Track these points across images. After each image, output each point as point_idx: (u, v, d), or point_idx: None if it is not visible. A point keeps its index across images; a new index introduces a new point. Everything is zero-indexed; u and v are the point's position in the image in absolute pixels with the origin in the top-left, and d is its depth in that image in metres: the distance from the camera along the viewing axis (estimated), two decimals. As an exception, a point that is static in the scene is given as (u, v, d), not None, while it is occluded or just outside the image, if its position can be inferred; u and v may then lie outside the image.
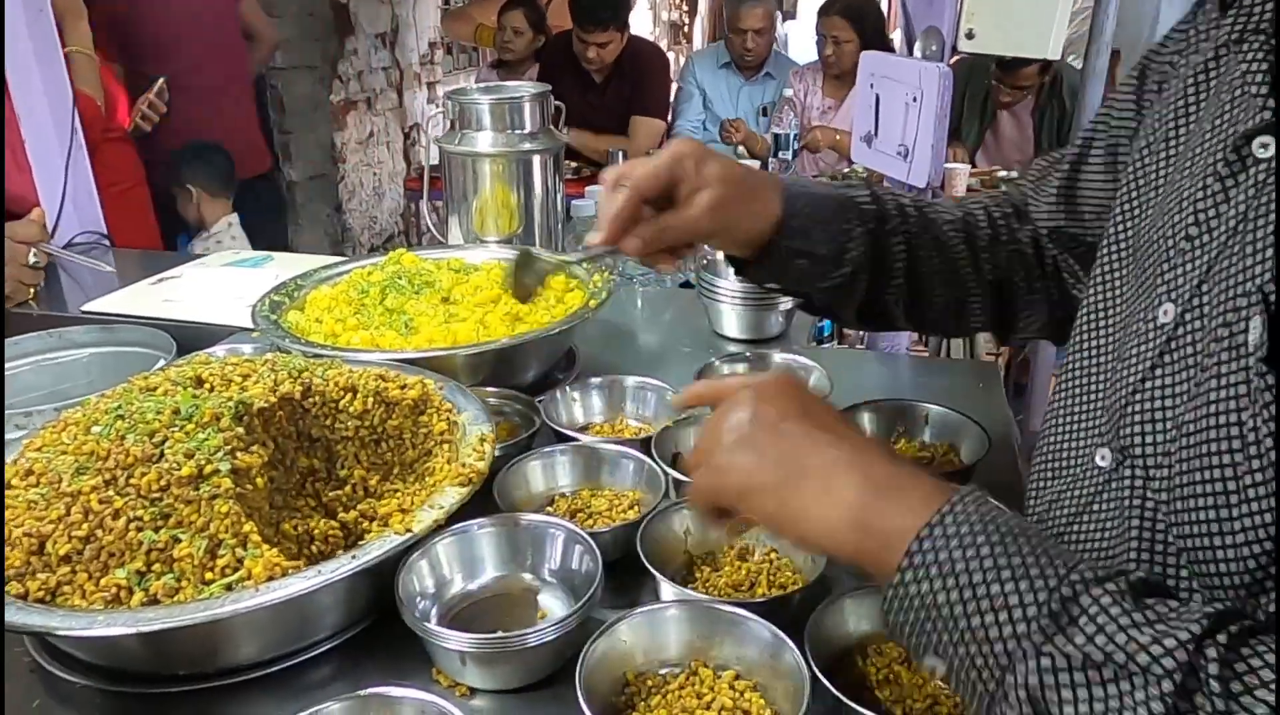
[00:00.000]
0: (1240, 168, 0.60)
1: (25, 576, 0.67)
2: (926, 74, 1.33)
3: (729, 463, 0.63)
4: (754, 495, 0.61)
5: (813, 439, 0.61)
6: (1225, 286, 0.58)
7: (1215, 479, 0.55)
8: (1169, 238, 0.65)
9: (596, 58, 3.73)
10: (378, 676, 0.73)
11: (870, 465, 0.59)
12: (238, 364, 0.85)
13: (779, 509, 0.60)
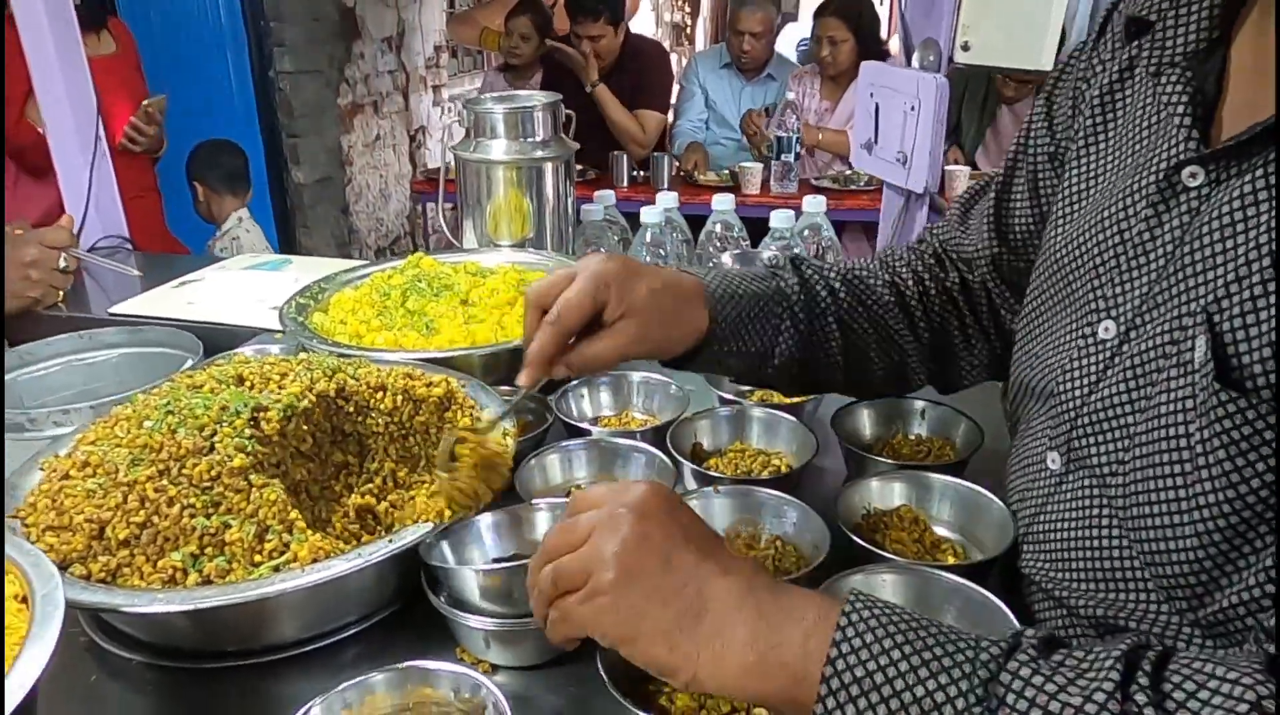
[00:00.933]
0: (1171, 194, 0.65)
1: (87, 559, 0.73)
2: (924, 84, 1.39)
3: (613, 603, 0.58)
4: (640, 639, 0.57)
5: (701, 570, 0.58)
6: (1168, 307, 0.63)
7: (1166, 487, 0.61)
8: (1097, 257, 0.70)
9: (591, 51, 3.78)
10: (406, 655, 0.78)
11: (755, 591, 0.57)
12: (275, 363, 0.91)
13: (668, 656, 0.56)
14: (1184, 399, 0.60)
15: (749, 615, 0.56)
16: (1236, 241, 0.59)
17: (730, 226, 1.78)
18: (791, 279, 0.91)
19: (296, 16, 4.14)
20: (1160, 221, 0.66)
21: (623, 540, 0.58)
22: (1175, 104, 0.67)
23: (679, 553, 0.59)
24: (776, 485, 0.94)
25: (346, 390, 0.88)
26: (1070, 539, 0.72)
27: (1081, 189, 0.77)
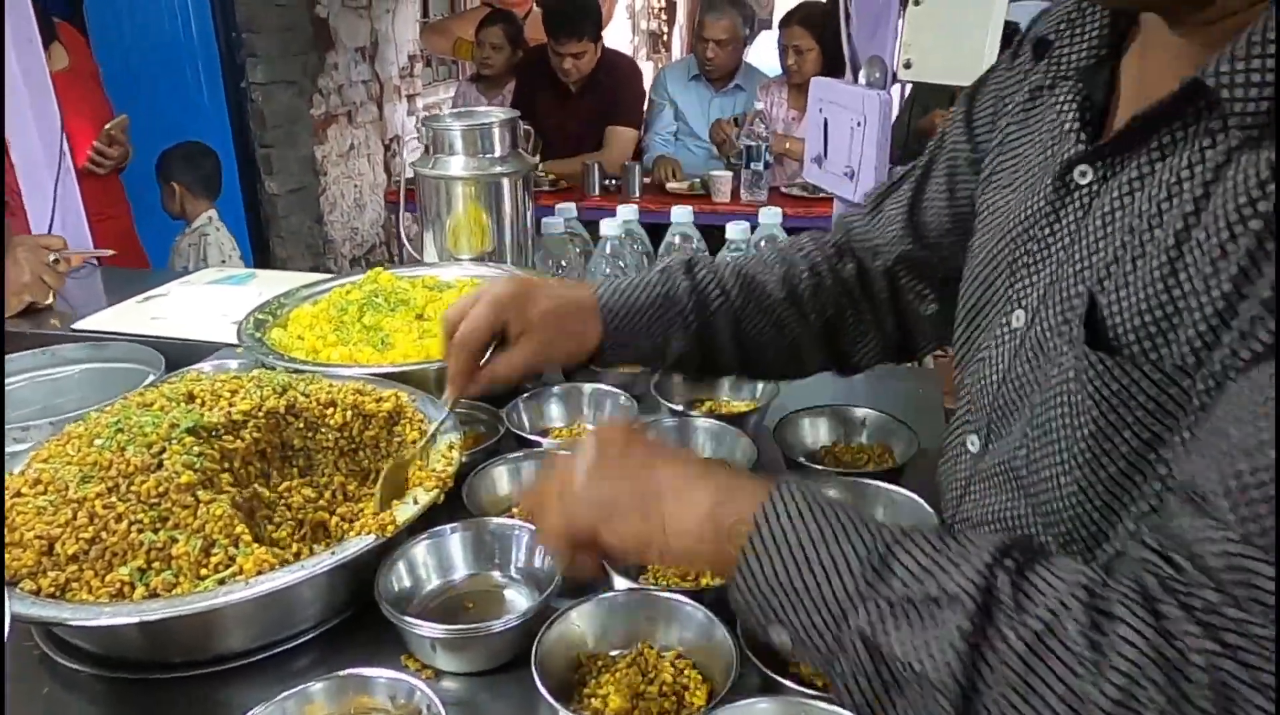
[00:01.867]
0: (1065, 193, 0.71)
1: (37, 574, 0.75)
2: (869, 101, 1.43)
3: (585, 496, 0.66)
4: (615, 518, 0.64)
5: (661, 461, 0.67)
6: (1064, 292, 0.68)
7: (1053, 451, 0.66)
8: (1008, 253, 0.76)
9: (572, 68, 3.82)
10: (354, 662, 0.80)
11: (715, 475, 0.65)
12: (226, 381, 0.94)
13: (642, 525, 0.64)
14: (1068, 369, 0.65)
15: (709, 486, 0.64)
16: (1116, 226, 0.65)
17: (689, 238, 1.82)
18: (683, 283, 0.96)
19: (268, 27, 4.14)
20: (1058, 218, 0.71)
21: (588, 450, 0.68)
22: (1067, 111, 0.73)
23: (639, 449, 0.68)
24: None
25: (296, 407, 0.91)
26: (988, 515, 0.77)
27: (998, 200, 0.81)
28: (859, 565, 0.56)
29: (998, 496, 0.76)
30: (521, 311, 0.90)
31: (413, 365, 1.13)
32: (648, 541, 0.64)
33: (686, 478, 0.65)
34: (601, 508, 0.65)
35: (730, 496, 0.62)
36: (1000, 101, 0.86)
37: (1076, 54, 0.73)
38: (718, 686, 0.73)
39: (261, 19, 4.10)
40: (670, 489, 0.64)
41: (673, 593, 0.81)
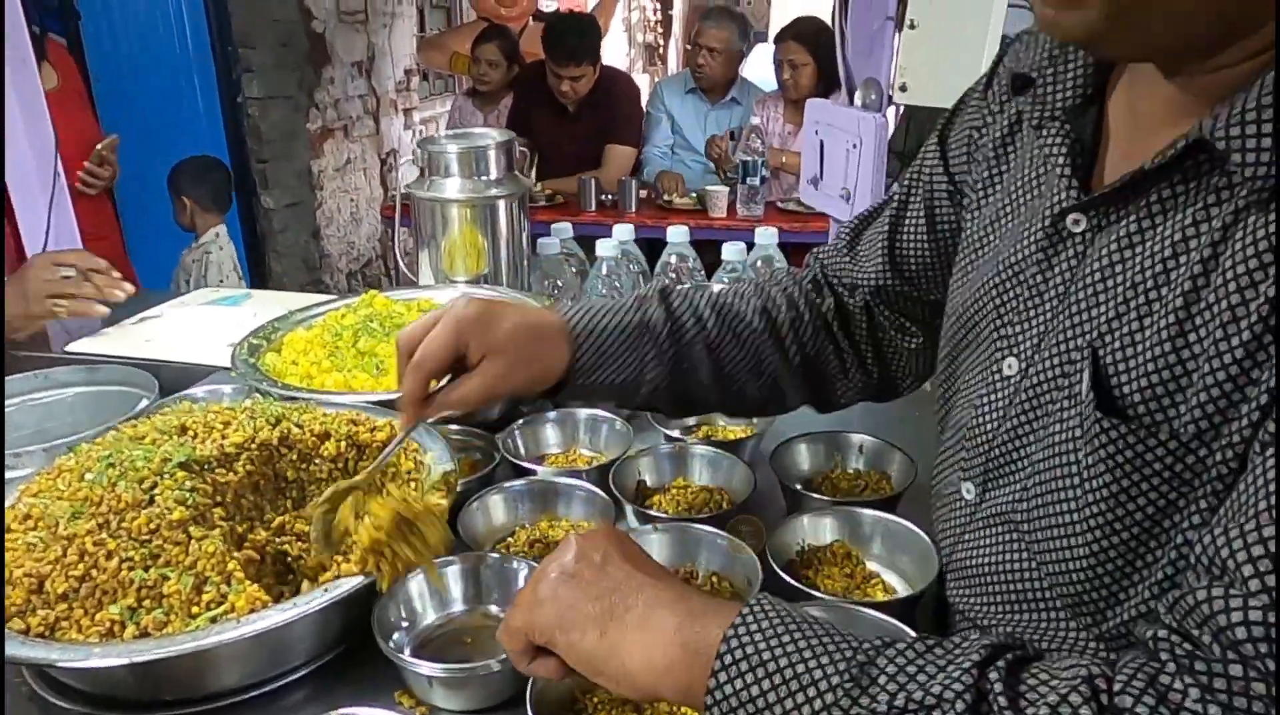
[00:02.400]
0: (1058, 239, 0.70)
1: (26, 613, 0.74)
2: (865, 123, 1.43)
3: (551, 595, 0.64)
4: (574, 629, 0.63)
5: (635, 578, 0.64)
6: (1060, 343, 0.68)
7: (1061, 511, 0.65)
8: (998, 299, 0.75)
9: (570, 90, 3.83)
10: (348, 699, 0.80)
11: (687, 598, 0.63)
12: (219, 412, 0.93)
13: (598, 642, 0.62)
14: (1073, 427, 0.64)
15: (678, 611, 0.62)
16: (1116, 281, 0.64)
17: (685, 257, 1.82)
18: (657, 311, 0.91)
19: (265, 42, 4.15)
20: (1050, 265, 0.71)
21: (564, 557, 0.67)
22: (1056, 155, 0.71)
23: (614, 564, 0.66)
24: (715, 522, 0.97)
25: (290, 438, 0.90)
26: (985, 565, 0.75)
27: (981, 237, 0.81)
28: (839, 678, 0.54)
29: (996, 546, 0.74)
30: (484, 333, 0.82)
31: (408, 392, 1.12)
32: (606, 661, 0.62)
33: (657, 599, 0.62)
34: (562, 613, 0.63)
35: (701, 620, 0.60)
36: (976, 133, 0.84)
37: (1061, 94, 0.72)
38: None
39: (258, 33, 4.10)
40: (637, 611, 0.62)
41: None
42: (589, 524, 1.02)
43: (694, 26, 4.26)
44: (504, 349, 0.82)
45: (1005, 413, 0.73)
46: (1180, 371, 0.58)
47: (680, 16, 10.86)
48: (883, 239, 0.94)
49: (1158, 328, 0.60)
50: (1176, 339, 0.58)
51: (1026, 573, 0.71)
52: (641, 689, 0.62)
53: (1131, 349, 0.61)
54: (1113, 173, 0.69)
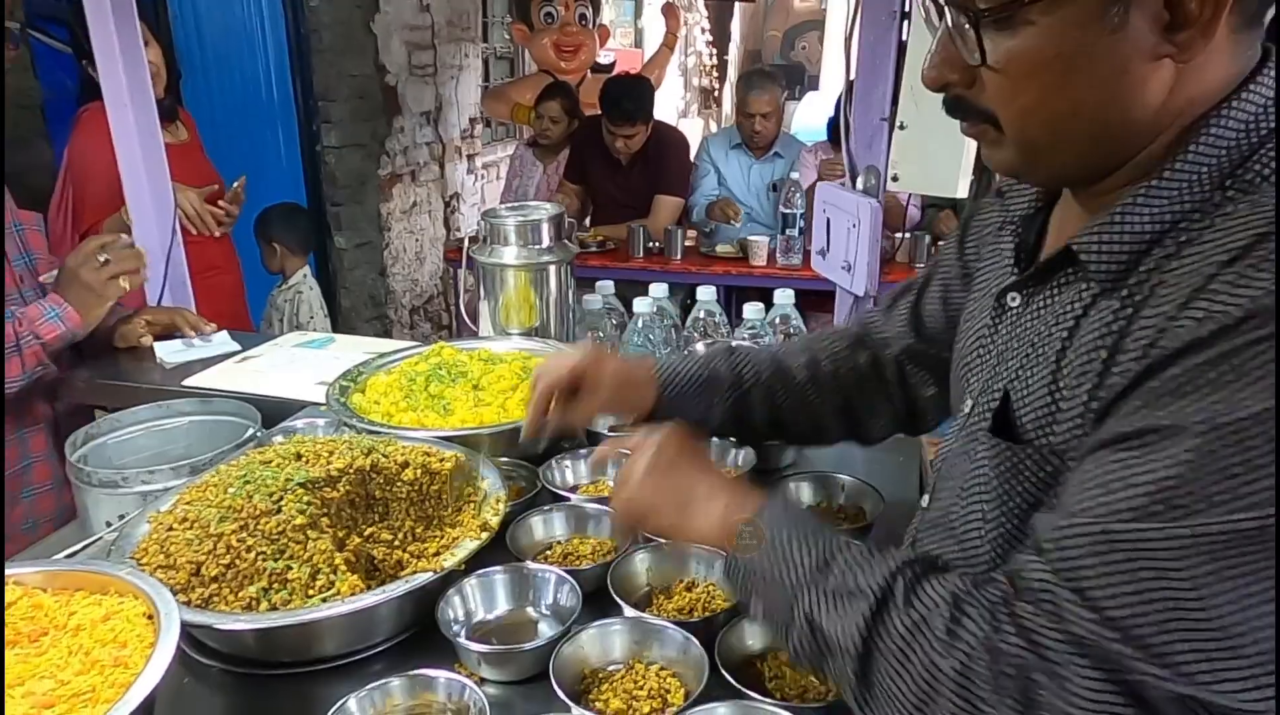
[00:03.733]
0: (1001, 311, 0.91)
1: (188, 590, 1.00)
2: (863, 207, 1.66)
3: (639, 494, 0.95)
4: (656, 514, 0.95)
5: (693, 476, 0.94)
6: (992, 388, 0.89)
7: (974, 507, 0.87)
8: (967, 356, 0.97)
9: (624, 148, 4.11)
10: (418, 666, 1.03)
11: (727, 490, 0.92)
12: (325, 443, 1.19)
13: (675, 520, 0.93)
14: (982, 446, 0.86)
15: (721, 505, 0.91)
16: (1028, 338, 0.83)
17: (713, 313, 2.06)
18: (724, 365, 1.21)
19: (343, 95, 4.51)
20: (995, 330, 0.91)
21: (646, 459, 0.96)
22: (1007, 249, 0.93)
23: (679, 465, 0.96)
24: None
25: (378, 466, 1.16)
26: None
27: (968, 314, 1.02)
28: (809, 560, 0.79)
29: (936, 542, 0.95)
30: (595, 371, 1.17)
31: (469, 430, 1.38)
32: (676, 532, 0.94)
33: (710, 492, 0.92)
34: (649, 506, 0.95)
35: (735, 509, 0.88)
36: (981, 231, 1.06)
37: (1020, 204, 0.93)
38: (692, 691, 0.95)
39: (336, 88, 4.46)
40: (698, 500, 0.92)
41: (658, 619, 1.04)
42: (612, 541, 1.25)
43: (737, 94, 4.49)
44: (608, 385, 1.18)
45: (956, 439, 0.95)
46: (1053, 407, 0.78)
47: (735, 61, 11.16)
48: (909, 307, 1.18)
49: (1041, 374, 0.80)
50: (1051, 384, 0.78)
51: (952, 560, 0.91)
52: (701, 543, 0.95)
53: (1027, 388, 0.81)
54: None
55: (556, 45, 5.39)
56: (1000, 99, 0.75)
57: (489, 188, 6.16)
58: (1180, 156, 0.72)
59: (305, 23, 4.28)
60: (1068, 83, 0.71)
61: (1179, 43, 0.68)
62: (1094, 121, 0.73)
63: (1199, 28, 0.67)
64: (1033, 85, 0.72)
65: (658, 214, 4.23)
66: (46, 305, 1.79)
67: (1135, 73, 0.70)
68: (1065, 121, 0.74)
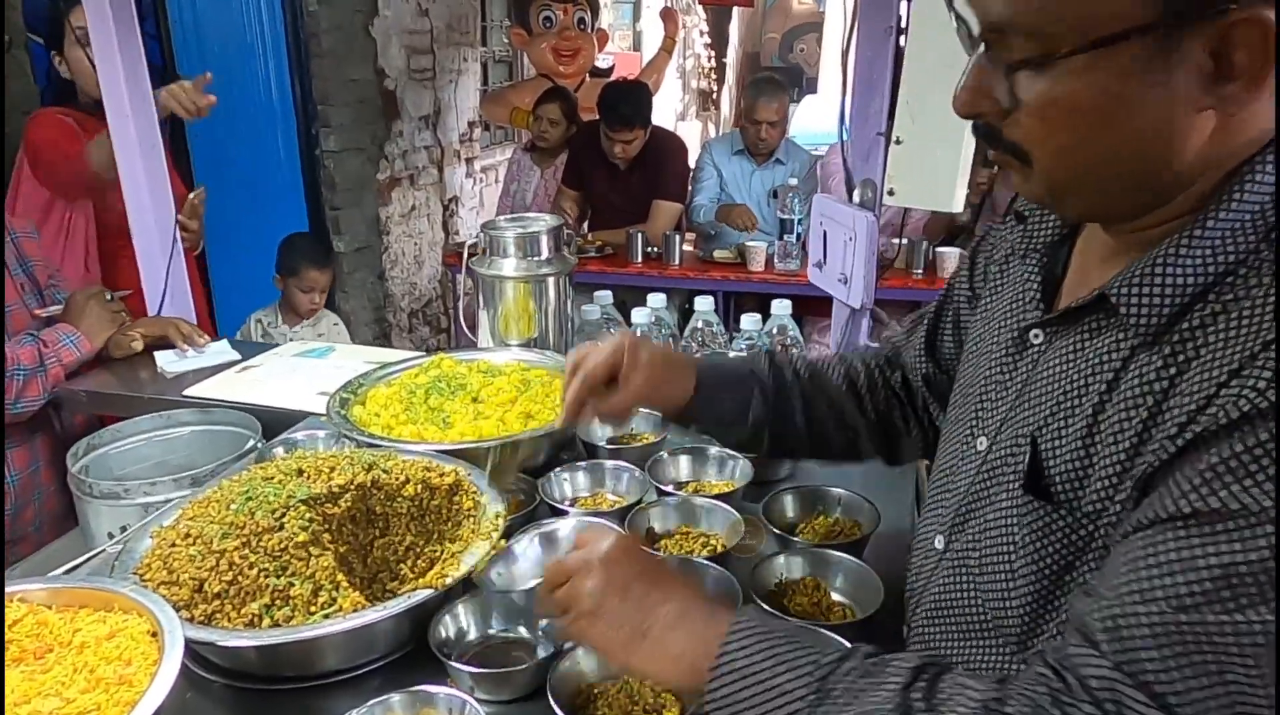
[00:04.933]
0: (1024, 347, 0.87)
1: (190, 606, 1.02)
2: (859, 220, 1.68)
3: (586, 627, 0.86)
4: (609, 652, 0.86)
5: (646, 601, 0.84)
6: (1015, 429, 0.86)
7: (1001, 562, 0.84)
8: (979, 388, 0.94)
9: (622, 153, 4.13)
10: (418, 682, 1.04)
11: (691, 615, 0.82)
12: (326, 458, 1.21)
13: (626, 659, 0.84)
14: (1013, 498, 0.83)
15: (681, 635, 0.82)
16: (1054, 386, 0.81)
17: (710, 322, 2.07)
18: (763, 362, 1.18)
19: (342, 99, 4.51)
20: (1015, 366, 0.88)
21: (595, 582, 0.86)
22: (1031, 281, 0.89)
23: (633, 587, 0.86)
24: (712, 560, 1.21)
25: (379, 482, 1.17)
26: (945, 601, 0.94)
27: (979, 337, 0.99)
28: (804, 690, 0.72)
29: (956, 587, 0.91)
30: (634, 356, 1.10)
31: (469, 444, 1.39)
32: (634, 671, 0.87)
33: (668, 624, 0.83)
34: (602, 645, 0.86)
35: (701, 639, 0.79)
36: (991, 255, 1.03)
37: (1044, 232, 0.89)
38: (688, 706, 0.96)
39: (336, 93, 4.47)
40: (651, 635, 0.82)
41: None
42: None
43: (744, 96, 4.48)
44: (647, 367, 1.10)
45: (973, 479, 0.90)
46: (1087, 463, 0.75)
47: (734, 64, 11.17)
48: (924, 335, 1.16)
49: (1075, 428, 0.76)
50: (1086, 438, 0.75)
51: (973, 607, 0.88)
52: (661, 685, 0.90)
53: (1059, 441, 0.78)
54: (1068, 298, 0.85)
55: (555, 50, 5.41)
56: (1032, 139, 0.73)
57: (488, 192, 6.17)
58: (1224, 204, 0.69)
59: (304, 27, 4.28)
60: (1105, 131, 0.69)
61: (1225, 96, 0.65)
62: (1129, 169, 0.71)
63: (1245, 80, 0.64)
64: (1067, 130, 0.70)
65: (656, 219, 4.24)
66: (62, 332, 1.97)
67: (1177, 124, 0.67)
68: (1098, 167, 0.72)
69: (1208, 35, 0.63)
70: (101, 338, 2.04)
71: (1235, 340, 0.65)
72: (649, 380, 1.10)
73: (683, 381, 1.13)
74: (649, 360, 1.10)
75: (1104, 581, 0.69)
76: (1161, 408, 0.69)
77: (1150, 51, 0.64)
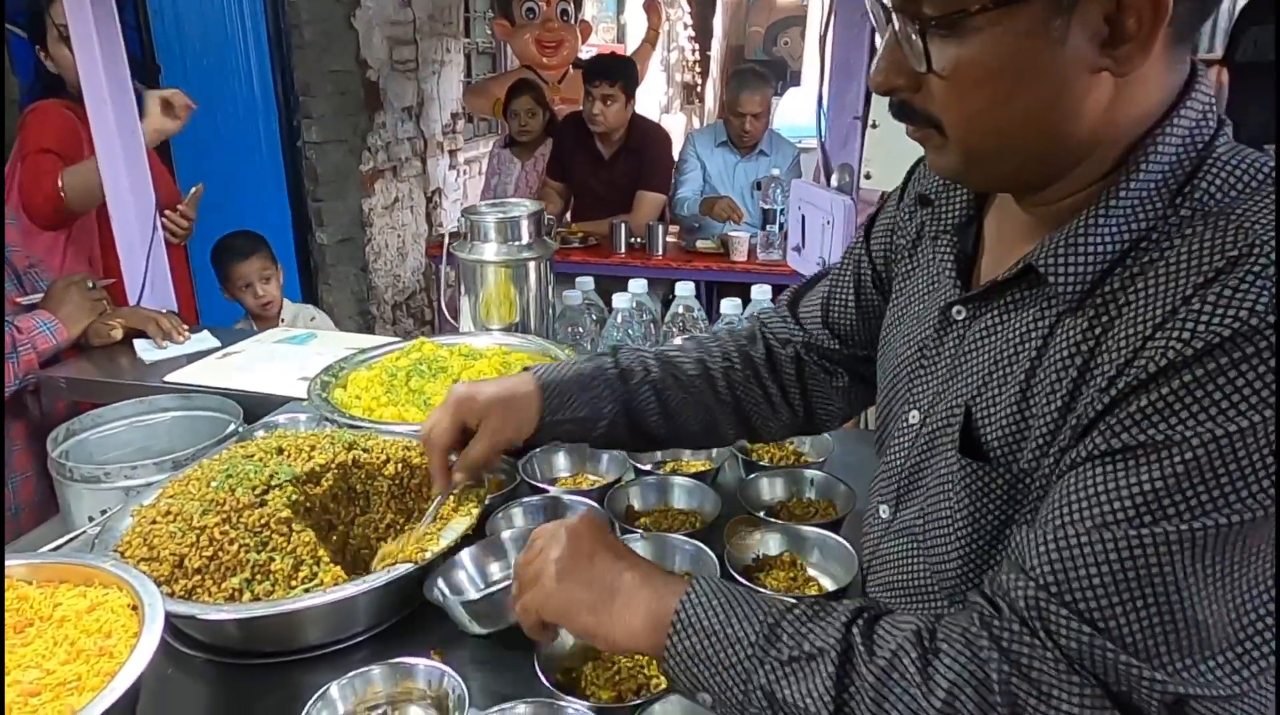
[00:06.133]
0: (947, 324, 0.91)
1: (171, 582, 1.02)
2: (837, 204, 1.69)
3: (556, 588, 0.86)
4: (575, 613, 0.85)
5: (615, 566, 0.86)
6: (947, 400, 0.89)
7: (941, 524, 0.88)
8: (908, 366, 0.97)
9: (601, 114, 4.06)
10: (398, 655, 1.05)
11: (652, 579, 0.84)
12: (307, 437, 1.21)
13: (594, 622, 0.84)
14: (950, 464, 0.87)
15: (646, 595, 0.83)
16: (982, 358, 0.85)
17: (691, 308, 2.08)
18: (608, 361, 1.16)
19: (323, 91, 4.49)
20: (942, 342, 0.91)
21: (560, 550, 0.87)
22: (946, 261, 0.92)
23: (600, 555, 0.87)
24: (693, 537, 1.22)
25: (360, 461, 1.18)
26: (893, 567, 0.98)
27: (897, 318, 1.03)
28: (755, 636, 0.76)
29: (901, 553, 0.95)
30: (473, 405, 1.10)
31: (449, 424, 1.40)
32: (596, 634, 0.84)
33: (632, 585, 0.84)
34: (567, 606, 0.85)
35: (662, 597, 0.82)
36: (892, 234, 1.06)
37: (952, 213, 0.93)
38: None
39: (318, 83, 4.45)
40: (621, 594, 0.84)
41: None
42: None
43: (727, 88, 4.48)
44: (490, 413, 1.09)
45: (910, 452, 0.94)
46: (1022, 425, 0.79)
47: (718, 57, 11.17)
48: (819, 304, 1.17)
49: (1008, 394, 0.80)
50: (1020, 403, 0.79)
51: (919, 571, 0.93)
52: (625, 650, 0.89)
53: (992, 408, 0.82)
54: (986, 275, 0.89)
55: (538, 41, 5.39)
56: (945, 106, 0.76)
57: (471, 183, 6.15)
58: (1133, 174, 0.73)
59: (286, 18, 4.26)
60: (1012, 92, 0.72)
61: (1118, 57, 0.70)
62: (1036, 131, 0.74)
63: (1136, 43, 0.68)
64: (978, 93, 0.73)
65: (639, 209, 4.24)
66: (39, 318, 1.96)
67: (1076, 85, 0.71)
68: (1008, 130, 0.75)
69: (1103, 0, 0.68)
70: (79, 326, 2.03)
71: (1155, 298, 0.69)
72: (495, 421, 1.10)
73: (528, 406, 1.12)
74: (488, 400, 1.10)
75: (1039, 516, 0.73)
76: (1089, 366, 0.73)
77: (1051, 12, 0.68)
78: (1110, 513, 0.68)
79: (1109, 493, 0.68)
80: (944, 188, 0.95)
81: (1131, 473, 0.67)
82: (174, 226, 2.57)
